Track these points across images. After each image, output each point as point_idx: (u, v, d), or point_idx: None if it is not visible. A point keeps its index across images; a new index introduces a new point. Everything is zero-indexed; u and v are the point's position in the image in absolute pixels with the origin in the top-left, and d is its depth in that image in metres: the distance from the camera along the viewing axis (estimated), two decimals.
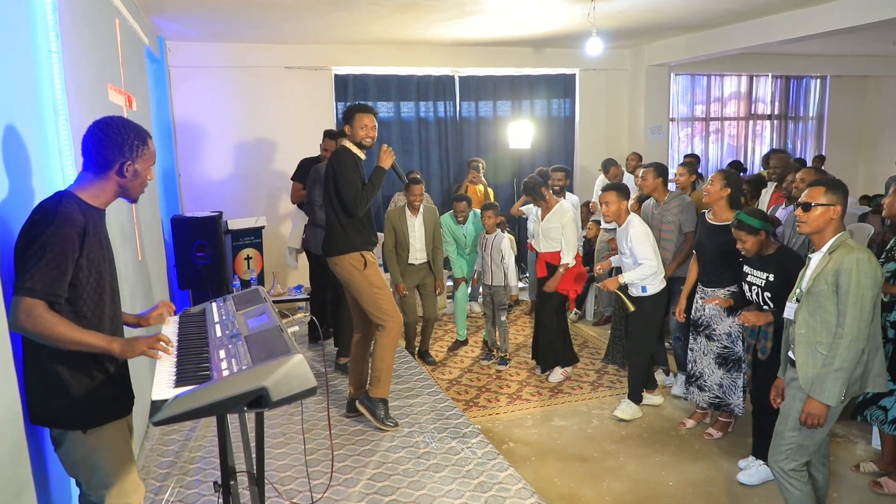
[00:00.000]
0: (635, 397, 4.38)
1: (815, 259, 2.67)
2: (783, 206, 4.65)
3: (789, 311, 2.75)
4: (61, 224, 1.84)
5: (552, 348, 5.00)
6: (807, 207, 2.64)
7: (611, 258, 4.56)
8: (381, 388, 3.84)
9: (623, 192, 4.16)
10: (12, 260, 1.90)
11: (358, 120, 3.74)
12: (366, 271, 3.77)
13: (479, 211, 5.59)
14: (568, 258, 4.77)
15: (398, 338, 3.90)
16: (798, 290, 2.71)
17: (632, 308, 4.16)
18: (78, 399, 1.95)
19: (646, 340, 4.33)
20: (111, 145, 1.98)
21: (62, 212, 1.86)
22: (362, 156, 3.81)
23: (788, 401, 2.74)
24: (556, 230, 4.78)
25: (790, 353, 2.76)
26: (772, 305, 3.34)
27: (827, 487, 2.94)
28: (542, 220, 4.87)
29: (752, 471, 3.58)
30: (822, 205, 2.62)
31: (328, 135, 5.34)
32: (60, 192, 1.96)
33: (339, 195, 3.72)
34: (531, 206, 5.15)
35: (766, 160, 7.06)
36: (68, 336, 1.83)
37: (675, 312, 4.27)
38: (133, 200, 2.14)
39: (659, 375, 4.88)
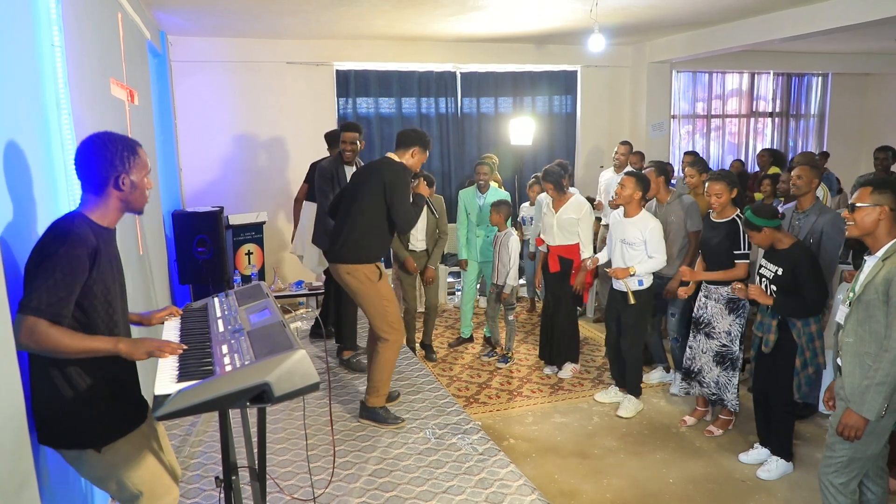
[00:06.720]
0: (636, 391, 4.40)
1: (869, 264, 2.50)
2: (781, 202, 4.68)
3: (840, 315, 2.60)
4: (73, 244, 1.84)
5: (569, 344, 5.00)
6: (852, 209, 2.49)
7: (597, 255, 4.59)
8: (378, 398, 3.87)
9: (642, 182, 4.18)
10: (12, 267, 1.88)
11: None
12: (378, 283, 3.78)
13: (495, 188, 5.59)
14: (588, 251, 4.76)
15: (399, 351, 3.93)
16: (851, 294, 2.53)
17: (633, 300, 4.18)
18: (86, 419, 1.94)
19: (641, 332, 4.37)
20: (102, 162, 1.96)
21: (75, 232, 1.86)
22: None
23: (838, 411, 2.57)
24: (573, 222, 4.73)
25: (838, 360, 2.62)
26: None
27: (886, 503, 2.74)
28: (557, 211, 4.81)
29: (772, 466, 3.59)
30: (868, 206, 2.46)
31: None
32: (72, 213, 1.96)
33: (392, 210, 3.68)
34: (542, 196, 5.11)
35: (760, 157, 7.09)
36: (74, 346, 1.82)
37: (675, 292, 4.27)
38: (139, 212, 2.11)
39: (658, 372, 4.90)
